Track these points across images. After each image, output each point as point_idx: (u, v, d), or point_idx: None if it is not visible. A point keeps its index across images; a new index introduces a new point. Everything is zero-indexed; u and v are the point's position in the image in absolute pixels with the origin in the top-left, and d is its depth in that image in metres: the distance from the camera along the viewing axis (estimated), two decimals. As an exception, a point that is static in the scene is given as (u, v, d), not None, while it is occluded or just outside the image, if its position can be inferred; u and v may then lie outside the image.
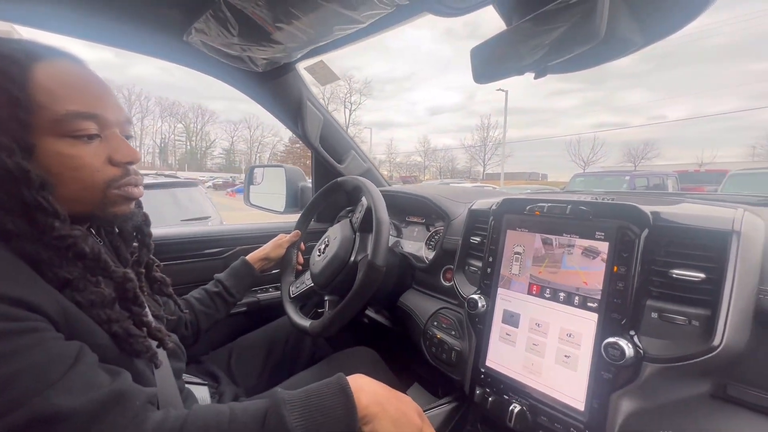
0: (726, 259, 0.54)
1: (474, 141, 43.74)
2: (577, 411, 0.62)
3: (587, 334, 0.63)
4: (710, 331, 0.53)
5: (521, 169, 52.00)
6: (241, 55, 0.94)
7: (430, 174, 49.24)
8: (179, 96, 76.36)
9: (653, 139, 36.75)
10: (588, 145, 35.00)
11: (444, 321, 0.93)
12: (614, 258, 0.62)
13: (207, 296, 1.02)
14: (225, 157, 62.18)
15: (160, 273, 0.75)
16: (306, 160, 17.86)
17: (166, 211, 3.59)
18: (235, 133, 61.55)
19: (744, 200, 0.87)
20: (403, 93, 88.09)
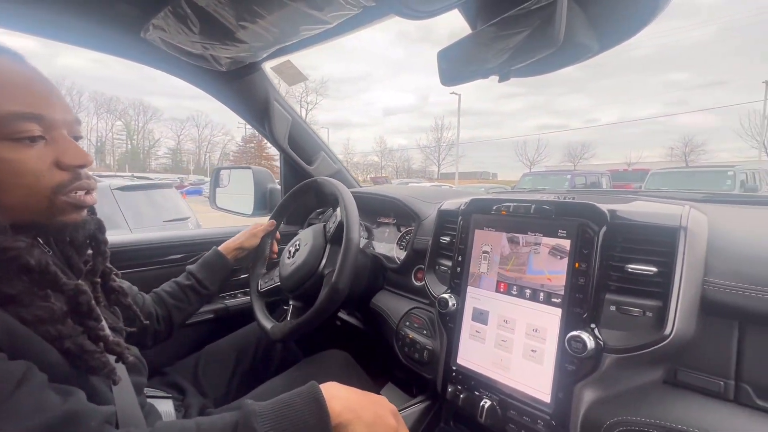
0: (675, 254, 0.58)
1: (428, 141, 44.77)
2: (543, 403, 0.65)
3: (552, 329, 0.65)
4: (662, 321, 0.57)
5: (473, 169, 53.76)
6: (203, 53, 0.91)
7: (387, 174, 49.61)
8: (118, 91, 71.03)
9: (589, 140, 40.31)
10: (533, 146, 37.63)
11: (416, 321, 0.94)
12: (576, 255, 0.65)
13: (179, 289, 0.99)
14: (171, 157, 58.54)
15: (118, 282, 0.71)
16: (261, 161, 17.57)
17: (145, 213, 3.59)
18: (182, 131, 58.23)
19: (690, 197, 0.94)
20: (358, 93, 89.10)
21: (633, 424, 0.57)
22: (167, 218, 3.72)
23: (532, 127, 62.53)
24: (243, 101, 1.22)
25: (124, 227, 3.34)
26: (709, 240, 0.61)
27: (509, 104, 74.56)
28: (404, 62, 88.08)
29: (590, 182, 10.82)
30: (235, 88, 1.16)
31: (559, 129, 55.52)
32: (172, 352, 1.15)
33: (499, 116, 74.02)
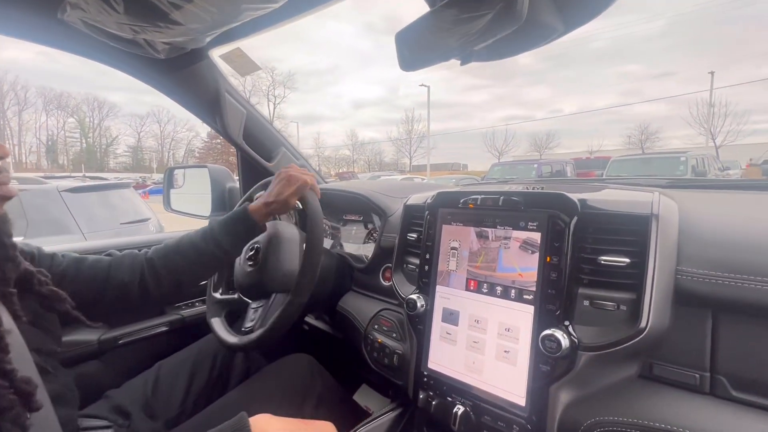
0: (647, 243, 0.55)
1: (399, 134, 44.68)
2: (518, 407, 0.61)
3: (525, 328, 0.62)
4: (637, 314, 0.54)
5: (444, 160, 54.40)
6: (135, 38, 0.81)
7: (359, 167, 49.25)
8: (68, 86, 66.86)
9: (554, 130, 41.70)
10: (501, 137, 38.21)
11: (385, 323, 0.89)
12: (547, 248, 0.61)
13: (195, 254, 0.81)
14: (132, 156, 55.17)
15: (49, 287, 0.60)
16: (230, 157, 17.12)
17: (100, 215, 3.35)
18: (142, 128, 54.42)
19: (656, 183, 0.93)
20: (326, 86, 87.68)
21: (610, 424, 0.54)
22: (125, 220, 3.47)
23: (500, 118, 64.69)
24: (189, 93, 1.11)
25: (76, 233, 3.10)
26: (680, 227, 0.58)
27: (476, 96, 76.54)
28: (372, 54, 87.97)
29: (556, 170, 11.30)
30: (179, 79, 1.06)
31: (525, 120, 58.09)
32: (120, 373, 1.04)
33: (468, 108, 75.85)
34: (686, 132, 33.98)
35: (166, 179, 1.61)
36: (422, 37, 0.64)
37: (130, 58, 0.94)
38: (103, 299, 0.74)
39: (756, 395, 0.50)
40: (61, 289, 0.62)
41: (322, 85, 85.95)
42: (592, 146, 39.40)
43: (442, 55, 0.63)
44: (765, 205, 0.67)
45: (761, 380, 0.50)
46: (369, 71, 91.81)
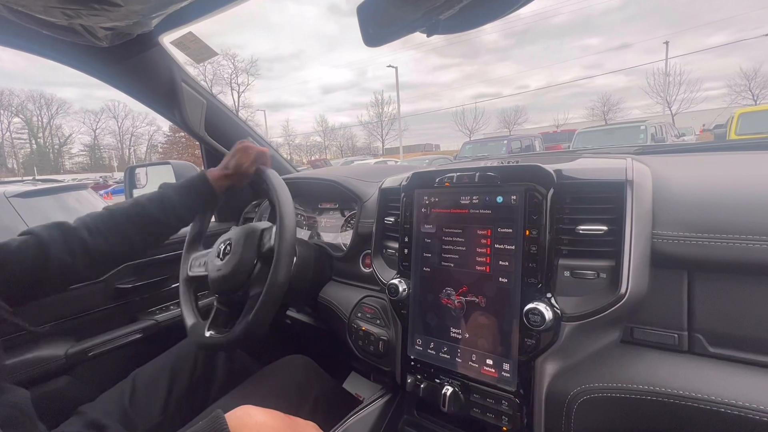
0: (624, 209, 0.55)
1: (370, 117, 43.69)
2: (505, 381, 0.61)
3: (508, 303, 0.61)
4: (616, 281, 0.54)
5: (416, 142, 54.31)
6: (70, 23, 0.73)
7: (332, 153, 48.12)
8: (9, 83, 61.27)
9: (521, 106, 43.16)
10: (471, 115, 38.21)
11: (368, 311, 0.87)
12: (526, 222, 0.60)
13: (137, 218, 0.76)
14: (89, 155, 50.87)
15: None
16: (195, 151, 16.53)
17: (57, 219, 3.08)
18: (98, 125, 49.37)
19: (625, 151, 0.94)
20: (292, 72, 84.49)
21: (596, 391, 0.55)
22: (84, 224, 3.29)
23: (469, 97, 64.82)
24: (142, 84, 1.03)
25: (30, 240, 2.90)
26: (654, 191, 0.59)
27: (445, 75, 76.34)
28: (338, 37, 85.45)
29: (525, 146, 11.53)
30: (128, 69, 0.98)
31: (493, 97, 58.57)
32: (94, 386, 0.99)
33: (437, 87, 75.29)
34: (645, 102, 35.65)
35: (127, 179, 1.53)
36: (385, 10, 0.61)
37: (70, 47, 0.86)
38: (41, 283, 0.68)
39: (731, 349, 0.52)
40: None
41: (287, 71, 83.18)
42: (558, 120, 40.25)
43: (407, 26, 0.60)
44: (729, 166, 0.69)
45: (736, 335, 0.52)
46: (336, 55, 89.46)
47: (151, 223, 0.78)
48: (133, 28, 0.81)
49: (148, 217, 0.78)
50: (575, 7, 44.41)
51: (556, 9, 42.51)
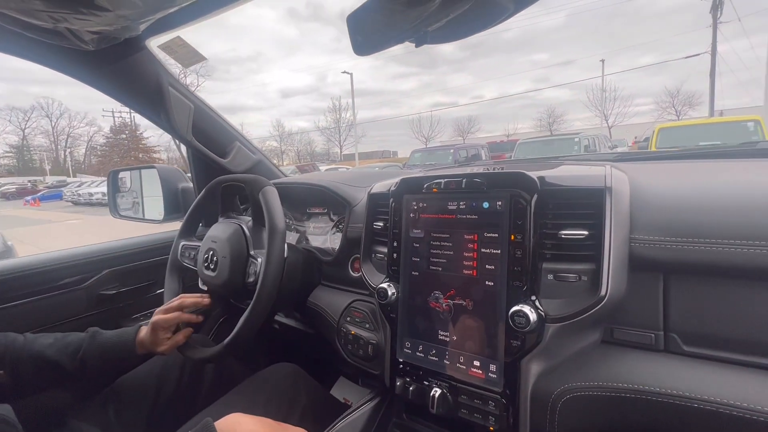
0: (603, 215, 0.58)
1: (328, 123, 43.43)
2: (492, 382, 0.62)
3: (494, 306, 0.63)
4: (597, 283, 0.56)
5: (374, 148, 54.67)
6: (56, 27, 0.72)
7: (290, 159, 47.33)
8: None
9: (475, 115, 44.92)
10: (427, 123, 38.83)
11: (357, 315, 0.88)
12: (511, 226, 0.62)
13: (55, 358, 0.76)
14: (16, 156, 46.43)
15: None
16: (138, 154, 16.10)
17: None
18: (28, 124, 44.83)
19: (604, 158, 0.98)
20: (250, 75, 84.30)
21: (578, 390, 0.57)
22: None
23: (427, 105, 66.73)
24: (128, 88, 1.02)
25: None
26: (631, 197, 0.61)
27: (404, 84, 77.67)
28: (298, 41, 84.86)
29: (471, 155, 11.84)
30: (114, 73, 0.97)
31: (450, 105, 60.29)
32: (75, 394, 0.97)
33: (396, 95, 76.60)
34: (586, 114, 38.65)
35: (110, 183, 1.50)
36: (375, 20, 0.62)
37: (54, 50, 0.85)
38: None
39: (704, 348, 0.55)
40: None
41: (245, 74, 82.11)
42: (508, 129, 41.90)
43: (396, 37, 0.62)
44: (702, 173, 0.72)
45: (708, 334, 0.54)
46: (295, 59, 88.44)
47: (64, 375, 0.77)
48: (120, 33, 0.81)
49: (61, 368, 0.76)
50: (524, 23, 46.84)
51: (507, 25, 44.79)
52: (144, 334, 0.83)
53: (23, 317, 1.01)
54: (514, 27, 35.55)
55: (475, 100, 58.60)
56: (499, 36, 62.48)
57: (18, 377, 0.74)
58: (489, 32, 0.83)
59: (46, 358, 0.75)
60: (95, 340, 0.80)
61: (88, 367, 0.78)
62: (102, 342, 0.80)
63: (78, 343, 0.78)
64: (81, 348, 0.77)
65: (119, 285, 1.18)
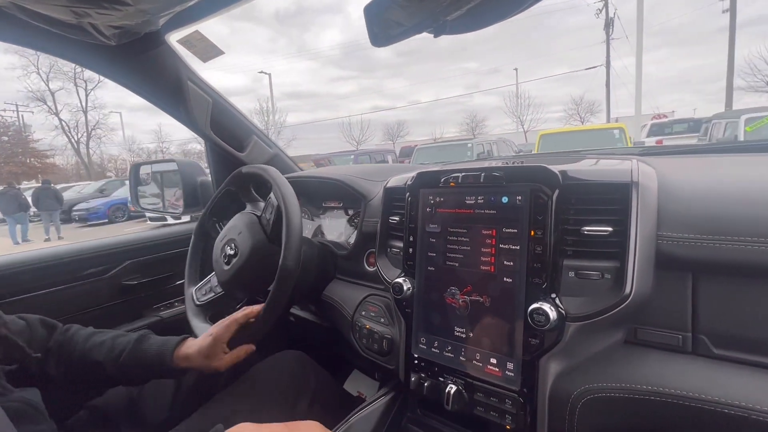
0: (629, 210, 0.55)
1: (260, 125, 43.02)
2: (509, 380, 0.61)
3: (512, 303, 0.62)
4: (621, 281, 0.54)
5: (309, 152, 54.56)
6: (79, 22, 0.74)
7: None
8: None
9: (406, 120, 45.38)
10: (357, 127, 37.90)
11: (372, 309, 0.88)
12: (531, 222, 0.61)
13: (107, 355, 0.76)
14: None
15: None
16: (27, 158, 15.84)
17: None
18: None
19: (629, 152, 0.94)
20: None
21: (599, 391, 0.55)
22: None
23: (367, 108, 65.85)
24: (148, 82, 1.04)
25: None
26: (659, 192, 0.59)
27: (342, 87, 76.27)
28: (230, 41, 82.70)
29: (377, 161, 12.10)
30: (136, 67, 0.98)
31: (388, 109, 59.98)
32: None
33: (334, 98, 74.83)
34: (506, 120, 40.24)
35: (131, 176, 1.54)
36: (392, 10, 0.61)
37: (78, 45, 0.87)
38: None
39: (735, 351, 0.52)
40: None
41: None
42: (435, 134, 42.05)
43: (415, 27, 0.60)
44: (734, 168, 0.69)
45: (740, 336, 0.52)
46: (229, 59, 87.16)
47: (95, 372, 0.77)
48: (140, 27, 0.82)
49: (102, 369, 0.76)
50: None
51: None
52: (194, 349, 0.78)
53: (52, 305, 1.05)
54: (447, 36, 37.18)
55: (413, 104, 59.11)
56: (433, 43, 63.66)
57: (64, 371, 0.75)
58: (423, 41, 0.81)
59: (92, 358, 0.75)
60: (138, 348, 0.78)
61: (126, 373, 0.77)
62: (143, 351, 0.78)
63: (122, 348, 0.77)
64: (121, 354, 0.76)
65: (140, 276, 1.21)
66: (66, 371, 0.75)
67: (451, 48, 70.35)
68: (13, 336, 0.66)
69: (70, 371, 0.75)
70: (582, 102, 33.21)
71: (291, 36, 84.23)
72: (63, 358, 0.75)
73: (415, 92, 68.20)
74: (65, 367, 0.75)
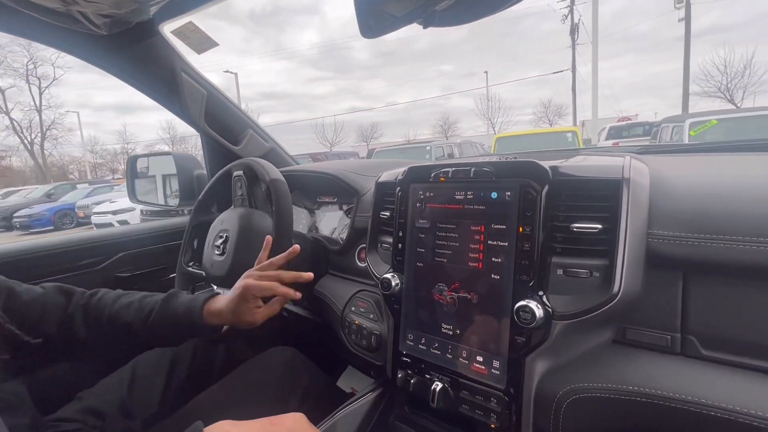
0: (619, 208, 0.54)
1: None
2: (495, 378, 0.60)
3: (499, 300, 0.61)
4: (609, 280, 0.53)
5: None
6: (68, 10, 0.73)
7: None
8: None
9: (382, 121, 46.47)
10: (331, 128, 37.83)
11: (362, 305, 0.87)
12: (519, 218, 0.59)
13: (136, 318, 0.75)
14: None
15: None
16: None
17: None
18: None
19: (627, 150, 0.93)
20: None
21: (585, 391, 0.54)
22: None
23: (344, 109, 65.88)
24: (141, 73, 1.03)
25: None
26: (651, 190, 0.58)
27: (319, 88, 76.65)
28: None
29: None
30: (129, 58, 0.98)
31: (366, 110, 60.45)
32: (92, 371, 1.00)
33: (312, 99, 75.23)
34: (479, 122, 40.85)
35: (128, 168, 1.54)
36: (382, 1, 0.60)
37: (70, 35, 0.86)
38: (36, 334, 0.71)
39: (724, 352, 0.51)
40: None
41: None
42: (409, 135, 42.38)
43: (405, 17, 0.59)
44: (730, 167, 0.67)
45: (729, 338, 0.51)
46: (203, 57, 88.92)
47: (128, 336, 0.76)
48: (131, 16, 0.81)
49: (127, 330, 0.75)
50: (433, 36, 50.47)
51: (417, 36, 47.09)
52: (223, 303, 0.74)
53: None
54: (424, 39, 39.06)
55: (391, 105, 59.92)
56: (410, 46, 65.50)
57: (94, 334, 0.73)
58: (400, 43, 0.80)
59: (121, 320, 0.74)
60: (166, 307, 0.75)
61: (157, 334, 0.75)
62: (171, 310, 0.75)
63: (151, 308, 0.75)
64: (151, 314, 0.74)
65: (133, 268, 1.21)
66: (97, 335, 0.74)
67: (428, 50, 71.29)
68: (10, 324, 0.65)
69: (100, 335, 0.74)
70: (550, 105, 34.62)
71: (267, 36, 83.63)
72: (90, 321, 0.74)
73: (393, 94, 69.16)
74: (95, 331, 0.73)
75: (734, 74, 19.03)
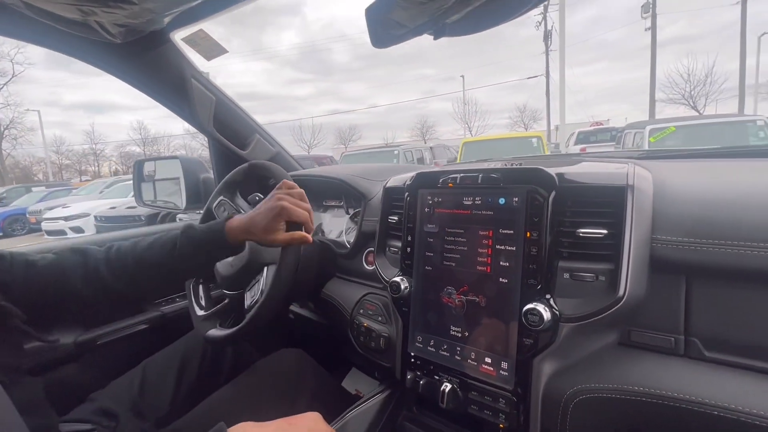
0: (623, 214, 0.56)
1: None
2: (503, 380, 0.62)
3: (507, 303, 0.62)
4: (615, 283, 0.55)
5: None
6: (85, 20, 0.75)
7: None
8: None
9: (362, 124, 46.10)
10: (309, 131, 37.53)
11: (370, 307, 0.89)
12: (527, 223, 0.61)
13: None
14: None
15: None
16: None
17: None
18: None
19: (628, 155, 0.95)
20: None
21: (591, 391, 0.56)
22: None
23: (325, 111, 65.52)
24: (153, 80, 1.05)
25: None
26: (654, 196, 0.59)
27: (300, 90, 76.20)
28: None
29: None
30: (140, 65, 1.00)
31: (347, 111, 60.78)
32: (102, 373, 1.01)
33: (293, 100, 74.35)
34: (456, 126, 40.81)
35: (135, 172, 1.55)
36: (393, 12, 0.62)
37: (83, 42, 0.88)
38: (55, 307, 0.71)
39: (727, 354, 0.52)
40: (7, 296, 0.58)
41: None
42: (387, 138, 42.27)
43: (415, 30, 0.61)
44: (731, 173, 0.69)
45: (732, 340, 0.52)
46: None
47: (162, 272, 0.77)
48: (146, 25, 0.83)
49: (159, 267, 0.76)
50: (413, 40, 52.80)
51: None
52: (248, 218, 0.76)
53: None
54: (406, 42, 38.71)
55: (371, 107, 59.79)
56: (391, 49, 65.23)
57: (125, 282, 0.74)
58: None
59: (149, 261, 0.75)
60: (189, 234, 0.77)
61: (187, 263, 0.76)
62: (193, 236, 0.77)
63: (173, 241, 0.76)
64: (176, 245, 0.76)
65: None
66: (127, 281, 0.74)
67: (408, 54, 71.58)
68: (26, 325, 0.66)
69: (131, 281, 0.75)
70: (526, 110, 35.08)
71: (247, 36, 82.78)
72: (117, 271, 0.74)
73: (373, 96, 69.02)
74: (124, 278, 0.74)
75: (697, 82, 20.23)
